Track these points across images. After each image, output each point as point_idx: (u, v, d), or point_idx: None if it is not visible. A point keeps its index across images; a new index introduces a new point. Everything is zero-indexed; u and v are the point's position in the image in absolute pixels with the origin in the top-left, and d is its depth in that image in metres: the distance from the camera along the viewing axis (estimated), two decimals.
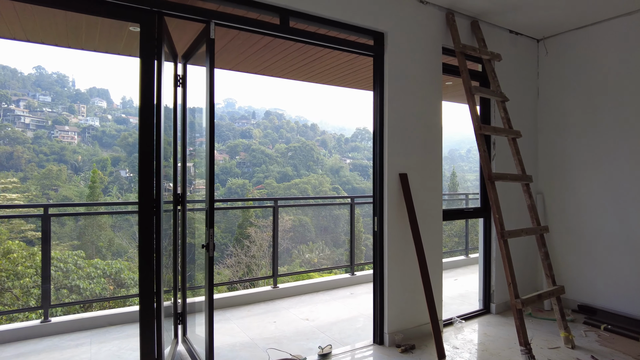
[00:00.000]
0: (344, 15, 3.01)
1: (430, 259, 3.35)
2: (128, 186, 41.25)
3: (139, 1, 2.31)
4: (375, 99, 3.31)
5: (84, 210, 20.57)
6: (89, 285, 8.47)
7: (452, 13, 3.54)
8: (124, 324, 3.73)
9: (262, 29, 2.75)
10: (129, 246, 18.20)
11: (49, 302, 3.60)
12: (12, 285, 7.72)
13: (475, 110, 3.39)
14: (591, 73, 3.90)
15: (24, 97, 54.18)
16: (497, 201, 3.23)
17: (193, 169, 3.58)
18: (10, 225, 14.14)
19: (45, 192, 34.09)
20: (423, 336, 3.35)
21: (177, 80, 3.06)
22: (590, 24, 3.87)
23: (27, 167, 40.37)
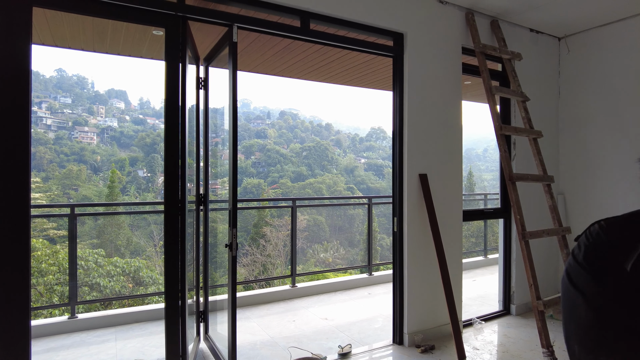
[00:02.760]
0: (363, 17, 3.03)
1: (450, 260, 3.34)
2: (145, 186, 41.94)
3: (164, 6, 2.36)
4: (394, 100, 3.32)
5: (103, 209, 21.00)
6: (109, 283, 8.66)
7: (471, 13, 3.53)
8: (145, 322, 3.82)
9: (283, 32, 2.79)
10: (146, 245, 18.53)
11: (76, 299, 3.71)
12: (37, 282, 7.95)
13: (495, 110, 3.36)
14: (614, 71, 3.83)
15: (46, 99, 55.56)
16: (519, 202, 3.21)
17: (210, 169, 3.64)
18: (34, 224, 14.54)
19: (66, 192, 34.91)
20: (443, 337, 3.35)
21: (200, 82, 3.12)
22: (614, 21, 3.80)
23: (48, 167, 41.41)
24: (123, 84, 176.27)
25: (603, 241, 0.81)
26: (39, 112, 51.62)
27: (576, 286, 0.79)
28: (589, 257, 0.80)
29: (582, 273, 0.79)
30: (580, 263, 0.81)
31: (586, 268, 0.79)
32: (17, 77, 1.97)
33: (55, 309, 6.41)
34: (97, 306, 7.81)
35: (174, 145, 2.38)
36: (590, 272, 0.78)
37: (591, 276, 0.78)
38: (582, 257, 0.81)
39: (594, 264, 0.79)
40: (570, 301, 0.80)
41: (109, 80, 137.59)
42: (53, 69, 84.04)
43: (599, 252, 0.80)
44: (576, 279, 0.80)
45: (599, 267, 0.78)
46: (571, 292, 0.80)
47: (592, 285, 0.77)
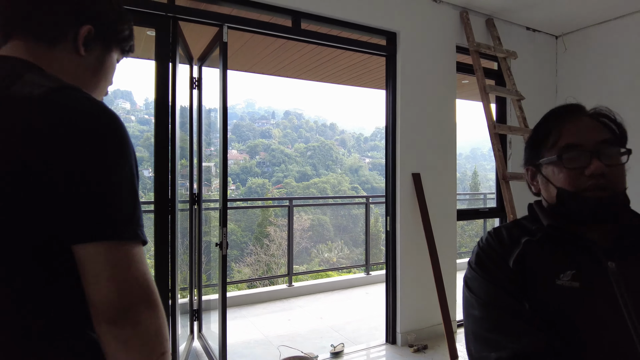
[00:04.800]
0: (355, 16, 3.03)
1: (444, 259, 3.33)
2: (151, 185, 42.17)
3: (154, 7, 2.38)
4: (387, 99, 3.32)
5: None
6: None
7: (466, 11, 3.51)
8: None
9: (274, 32, 2.80)
10: (151, 244, 18.62)
11: None
12: None
13: (489, 109, 3.35)
14: (612, 70, 3.79)
15: None
16: (512, 201, 3.19)
17: (214, 169, 3.65)
18: None
19: None
20: (436, 336, 3.34)
21: (193, 82, 3.13)
22: (611, 19, 3.77)
23: None
24: (129, 84, 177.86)
25: (492, 245, 0.89)
26: None
27: (471, 290, 0.85)
28: (480, 261, 0.88)
29: (476, 277, 0.86)
30: (474, 268, 0.88)
31: (478, 272, 0.86)
32: None
33: None
34: None
35: (164, 144, 2.39)
36: (481, 274, 0.85)
37: (482, 278, 0.84)
38: (475, 263, 0.88)
39: (484, 266, 0.86)
40: (468, 305, 0.85)
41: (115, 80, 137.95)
42: None
43: (487, 255, 0.88)
44: (472, 284, 0.86)
45: (488, 268, 0.85)
46: (468, 297, 0.86)
47: (484, 285, 0.83)
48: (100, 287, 0.58)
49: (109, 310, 0.58)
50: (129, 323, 0.59)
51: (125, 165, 0.64)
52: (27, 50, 0.70)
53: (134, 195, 0.64)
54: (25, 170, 0.57)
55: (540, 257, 0.83)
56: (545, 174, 0.89)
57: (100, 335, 0.60)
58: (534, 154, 0.92)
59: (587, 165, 0.81)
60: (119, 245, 0.60)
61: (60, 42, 0.73)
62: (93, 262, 0.59)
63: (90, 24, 0.74)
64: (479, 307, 0.81)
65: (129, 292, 0.59)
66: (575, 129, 0.87)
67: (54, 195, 0.58)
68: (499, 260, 0.85)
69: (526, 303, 0.79)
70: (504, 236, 0.90)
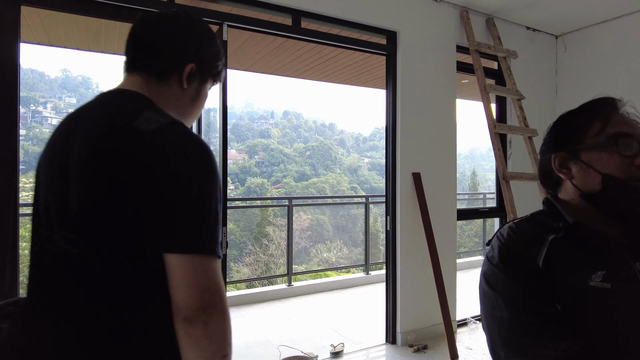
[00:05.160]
0: (355, 15, 3.02)
1: (444, 259, 3.32)
2: None
3: (152, 5, 2.37)
4: (387, 98, 3.31)
5: None
6: None
7: (466, 11, 3.51)
8: None
9: (274, 30, 2.79)
10: None
11: None
12: None
13: (489, 109, 3.35)
14: (612, 70, 3.79)
15: (51, 99, 55.96)
16: (512, 200, 3.19)
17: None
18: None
19: None
20: (436, 336, 3.33)
21: None
22: (611, 18, 3.76)
23: None
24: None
25: (515, 241, 0.84)
26: (44, 112, 51.99)
27: (494, 289, 0.80)
28: (504, 257, 0.82)
29: (500, 275, 0.81)
30: (497, 265, 0.83)
31: (502, 269, 0.81)
32: (5, 74, 1.98)
33: None
34: None
35: None
36: (506, 272, 0.80)
37: (507, 276, 0.80)
38: (498, 259, 0.83)
39: (509, 264, 0.81)
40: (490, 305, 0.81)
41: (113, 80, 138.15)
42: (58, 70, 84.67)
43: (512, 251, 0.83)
44: (494, 282, 0.81)
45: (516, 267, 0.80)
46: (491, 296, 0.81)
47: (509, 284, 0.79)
48: (181, 291, 0.70)
49: (186, 310, 0.70)
50: (200, 323, 0.70)
51: (214, 192, 0.76)
52: (143, 84, 0.88)
53: (217, 217, 0.76)
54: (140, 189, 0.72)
55: (568, 256, 0.79)
56: (586, 159, 0.83)
57: (177, 330, 0.71)
58: (571, 140, 0.88)
59: (637, 155, 0.79)
60: (202, 258, 0.72)
61: (169, 77, 0.90)
62: (179, 270, 0.71)
63: (193, 63, 0.90)
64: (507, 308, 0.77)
65: (204, 298, 0.70)
66: (623, 119, 0.84)
67: (158, 211, 0.72)
68: (524, 258, 0.81)
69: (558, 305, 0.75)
70: (526, 232, 0.85)
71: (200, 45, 0.92)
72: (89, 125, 0.79)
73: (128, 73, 0.90)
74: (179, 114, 0.92)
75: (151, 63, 0.88)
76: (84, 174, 0.75)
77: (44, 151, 0.87)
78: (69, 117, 0.87)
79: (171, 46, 0.89)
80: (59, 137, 0.84)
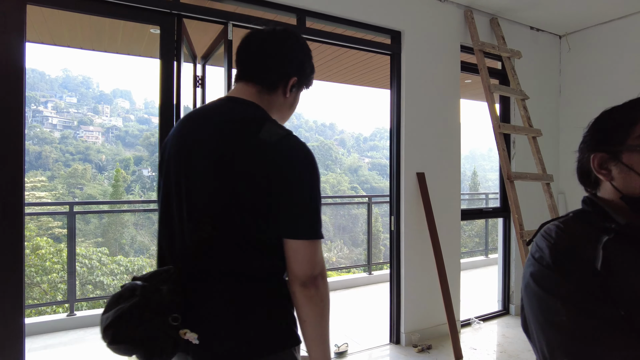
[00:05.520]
0: (360, 14, 3.02)
1: (448, 259, 3.32)
2: (150, 185, 42.16)
3: (159, 4, 2.36)
4: (392, 98, 3.31)
5: (107, 208, 21.15)
6: (112, 281, 8.69)
7: (470, 10, 3.50)
8: None
9: None
10: (150, 244, 18.61)
11: (75, 297, 3.73)
12: (41, 280, 8.00)
13: (494, 109, 3.34)
14: (616, 69, 3.79)
15: (52, 98, 55.93)
16: (517, 201, 3.18)
17: None
18: (39, 222, 14.63)
19: (71, 191, 35.17)
20: (440, 336, 3.33)
21: (197, 80, 3.12)
22: (615, 18, 3.76)
23: (54, 166, 41.73)
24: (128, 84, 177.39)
25: (566, 241, 0.78)
26: (45, 111, 51.96)
27: (550, 292, 0.74)
28: (556, 258, 0.76)
29: (553, 276, 0.75)
30: (549, 266, 0.76)
31: (556, 270, 0.75)
32: (11, 74, 1.98)
33: (58, 306, 6.45)
34: (100, 304, 7.85)
35: None
36: (560, 273, 0.74)
37: (563, 277, 0.74)
38: (550, 260, 0.77)
39: (563, 265, 0.75)
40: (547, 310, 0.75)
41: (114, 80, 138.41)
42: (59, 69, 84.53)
43: (565, 251, 0.77)
44: (548, 284, 0.75)
45: (571, 268, 0.74)
46: (543, 298, 0.75)
47: (567, 286, 0.73)
48: (299, 264, 0.96)
49: (302, 277, 0.96)
50: (313, 286, 0.97)
51: (318, 188, 1.00)
52: (256, 94, 1.07)
53: (320, 208, 0.99)
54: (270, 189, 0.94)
55: (626, 258, 0.74)
56: (627, 162, 0.80)
57: (295, 292, 0.98)
58: (611, 139, 0.84)
59: None
60: (314, 242, 0.97)
61: (277, 88, 1.09)
62: (299, 250, 0.96)
63: (296, 76, 1.10)
64: (567, 312, 0.71)
65: (315, 269, 0.97)
66: None
67: (282, 203, 0.96)
68: (580, 258, 0.75)
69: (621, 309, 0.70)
70: (577, 232, 0.79)
71: (302, 61, 1.11)
72: (221, 134, 0.99)
73: (242, 82, 1.09)
74: (279, 117, 1.14)
75: (265, 77, 1.07)
76: (223, 174, 0.96)
77: (167, 153, 1.07)
78: (194, 116, 1.07)
79: (282, 62, 1.08)
80: (186, 135, 1.05)
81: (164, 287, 0.96)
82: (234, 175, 0.95)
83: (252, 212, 0.96)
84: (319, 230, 0.98)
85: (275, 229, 0.97)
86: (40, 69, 80.00)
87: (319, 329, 1.00)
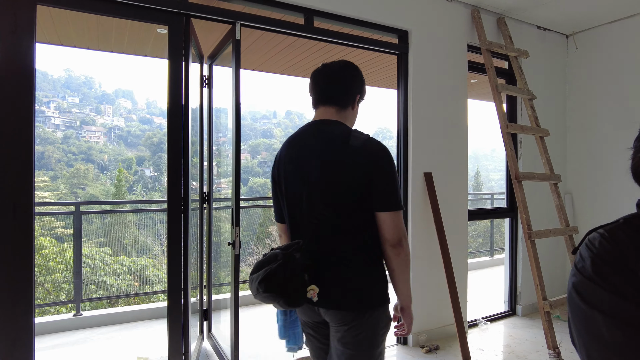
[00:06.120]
0: (368, 14, 3.01)
1: (455, 259, 3.31)
2: (152, 185, 42.21)
3: (167, 4, 2.36)
4: (399, 97, 3.30)
5: (110, 208, 21.17)
6: (115, 281, 8.69)
7: (477, 10, 3.49)
8: (150, 320, 3.83)
9: (286, 29, 2.77)
10: (153, 244, 18.61)
11: (81, 297, 3.73)
12: (44, 280, 8.01)
13: (501, 109, 3.33)
14: (624, 69, 3.77)
15: (54, 98, 56.05)
16: (525, 201, 3.17)
17: (215, 168, 3.63)
18: (42, 222, 14.65)
19: (74, 191, 35.22)
20: (447, 337, 3.32)
21: (204, 81, 3.11)
22: (623, 17, 3.74)
23: (57, 166, 41.80)
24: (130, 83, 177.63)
25: (610, 251, 0.74)
26: (48, 111, 52.06)
27: (591, 304, 0.71)
28: (600, 269, 0.72)
29: (596, 288, 0.71)
30: (591, 277, 0.72)
31: (599, 282, 0.71)
32: (21, 75, 1.98)
33: (62, 306, 6.46)
34: (103, 304, 7.86)
35: (177, 144, 2.37)
36: (604, 286, 0.70)
37: (607, 291, 0.70)
38: (592, 271, 0.73)
39: (608, 277, 0.71)
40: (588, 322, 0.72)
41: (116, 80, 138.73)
42: (61, 69, 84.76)
43: (609, 263, 0.73)
44: (590, 296, 0.72)
45: (615, 280, 0.70)
46: (587, 312, 0.72)
47: (611, 299, 0.69)
48: (388, 231, 1.34)
49: (392, 240, 1.34)
50: (399, 246, 1.35)
51: (396, 173, 1.40)
52: (336, 113, 1.47)
53: (399, 187, 1.38)
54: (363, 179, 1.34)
55: None
56: None
57: (385, 251, 1.37)
58: None
59: None
60: (397, 213, 1.35)
61: (349, 106, 1.50)
62: (385, 220, 1.34)
63: (359, 94, 1.52)
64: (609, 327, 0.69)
65: (400, 233, 1.35)
66: None
67: (372, 188, 1.34)
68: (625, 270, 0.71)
69: None
70: (624, 241, 0.74)
71: (362, 83, 1.53)
72: (323, 146, 1.40)
73: (322, 106, 1.49)
74: (350, 123, 1.52)
75: (340, 99, 1.47)
76: (331, 172, 1.37)
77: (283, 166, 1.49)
78: (292, 141, 1.51)
79: (350, 87, 1.49)
80: (294, 153, 1.47)
81: (297, 254, 1.33)
82: (338, 171, 1.36)
83: (355, 196, 1.34)
84: (401, 205, 1.37)
85: (370, 206, 1.35)
86: (42, 69, 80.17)
87: (404, 275, 1.40)
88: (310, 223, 1.41)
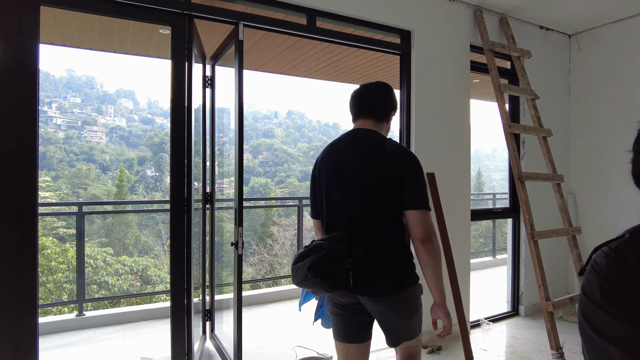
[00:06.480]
0: (370, 14, 3.01)
1: (458, 260, 3.30)
2: (154, 185, 42.25)
3: (170, 5, 2.36)
4: (401, 97, 3.29)
5: (112, 208, 21.19)
6: (117, 281, 8.70)
7: (480, 10, 3.49)
8: (152, 320, 3.83)
9: (289, 30, 2.77)
10: (154, 244, 18.62)
11: (84, 297, 3.73)
12: (46, 280, 8.02)
13: (504, 109, 3.32)
14: (627, 69, 3.76)
15: (56, 98, 56.13)
16: (528, 201, 3.17)
17: (217, 168, 3.64)
18: (44, 223, 14.67)
19: (76, 191, 35.26)
20: (450, 337, 3.31)
21: (206, 81, 3.12)
22: (626, 17, 3.73)
23: (58, 166, 41.86)
24: (131, 83, 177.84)
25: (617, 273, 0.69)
26: (49, 111, 52.15)
27: (600, 333, 0.67)
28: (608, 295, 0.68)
29: (604, 316, 0.67)
30: (599, 304, 0.68)
31: (607, 309, 0.67)
32: (25, 75, 1.98)
33: (64, 306, 6.47)
34: (105, 304, 7.87)
35: (180, 144, 2.37)
36: (613, 313, 0.66)
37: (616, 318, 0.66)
38: (600, 297, 0.68)
39: (616, 303, 0.66)
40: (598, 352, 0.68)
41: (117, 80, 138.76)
42: (63, 69, 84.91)
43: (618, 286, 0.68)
44: (598, 324, 0.67)
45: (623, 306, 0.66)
46: (596, 340, 0.67)
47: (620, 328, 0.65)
48: (418, 228, 1.52)
49: (421, 236, 1.51)
50: (429, 241, 1.52)
51: (424, 176, 1.59)
52: (374, 125, 1.72)
53: (426, 189, 1.57)
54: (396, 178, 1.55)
55: None
56: None
57: (416, 247, 1.54)
58: None
59: None
60: (424, 212, 1.53)
61: (384, 121, 1.75)
62: (414, 218, 1.52)
63: (393, 110, 1.78)
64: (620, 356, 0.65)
65: (429, 230, 1.52)
66: None
67: (403, 188, 1.54)
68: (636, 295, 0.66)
69: None
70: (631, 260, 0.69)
71: (395, 99, 1.78)
72: (362, 149, 1.63)
73: (362, 119, 1.73)
74: (385, 134, 1.74)
75: (378, 114, 1.72)
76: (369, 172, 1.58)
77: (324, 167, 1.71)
78: (334, 146, 1.74)
79: (387, 104, 1.74)
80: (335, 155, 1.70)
81: (338, 244, 1.54)
82: (375, 168, 1.57)
83: (388, 194, 1.55)
84: (428, 205, 1.56)
85: (400, 204, 1.54)
86: (44, 69, 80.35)
87: (435, 270, 1.56)
88: (347, 215, 1.60)
